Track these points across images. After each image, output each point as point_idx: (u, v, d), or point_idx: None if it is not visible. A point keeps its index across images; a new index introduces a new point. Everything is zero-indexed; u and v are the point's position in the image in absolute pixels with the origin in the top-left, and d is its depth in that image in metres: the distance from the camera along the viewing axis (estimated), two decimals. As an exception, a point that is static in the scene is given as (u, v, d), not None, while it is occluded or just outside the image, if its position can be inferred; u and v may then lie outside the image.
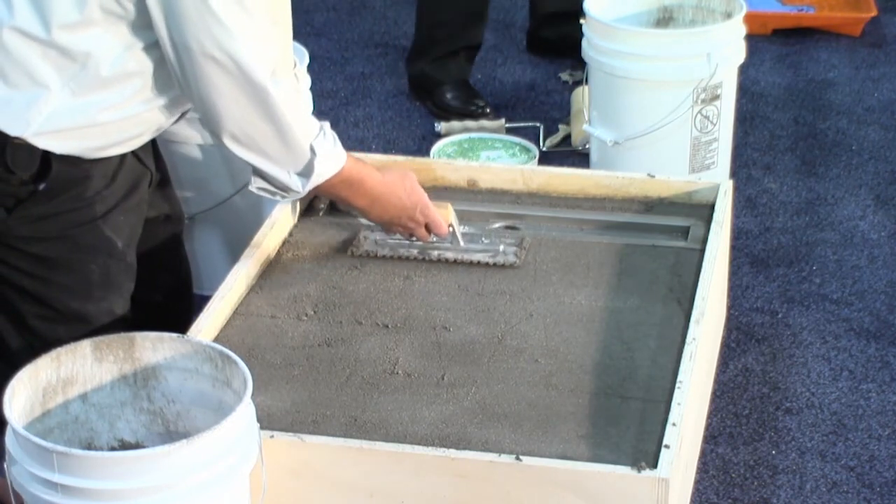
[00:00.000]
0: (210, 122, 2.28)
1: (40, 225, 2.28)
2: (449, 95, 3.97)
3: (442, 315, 2.49)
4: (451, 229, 2.63)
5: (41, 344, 2.17)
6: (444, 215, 2.61)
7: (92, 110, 2.22)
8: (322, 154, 2.36)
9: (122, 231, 2.37)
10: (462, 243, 2.64)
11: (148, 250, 2.50)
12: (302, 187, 2.38)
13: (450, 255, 2.63)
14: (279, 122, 2.28)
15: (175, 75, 2.23)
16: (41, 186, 2.25)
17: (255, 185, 2.41)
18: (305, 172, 2.36)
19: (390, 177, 2.54)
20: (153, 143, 2.46)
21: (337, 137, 2.41)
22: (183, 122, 2.91)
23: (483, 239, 2.67)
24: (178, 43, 2.17)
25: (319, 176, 2.38)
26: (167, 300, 2.59)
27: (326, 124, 2.39)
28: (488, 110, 3.94)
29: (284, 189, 2.40)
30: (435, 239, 2.64)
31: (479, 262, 2.61)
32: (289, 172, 2.36)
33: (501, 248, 2.65)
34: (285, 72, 2.57)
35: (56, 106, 2.20)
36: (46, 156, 2.23)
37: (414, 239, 2.63)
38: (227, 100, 2.23)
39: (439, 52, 4.00)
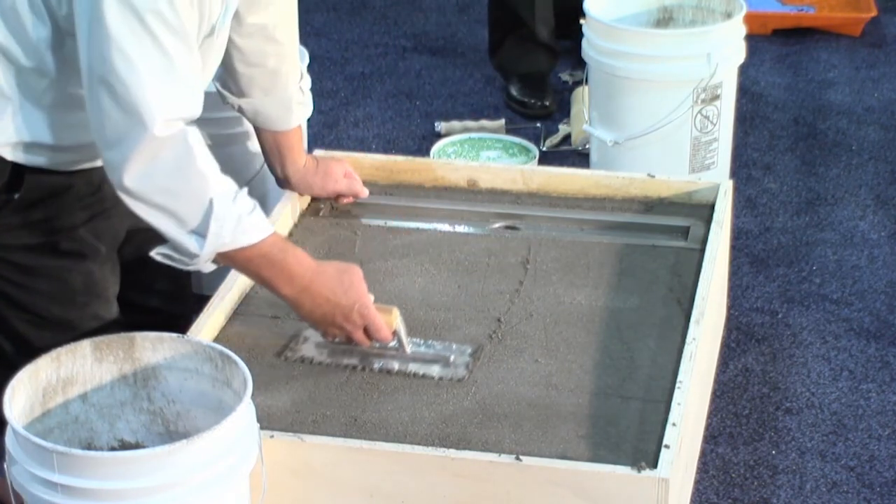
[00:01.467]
0: (104, 162, 2.14)
1: (19, 233, 2.26)
2: (512, 89, 4.03)
3: (442, 315, 2.49)
4: (395, 335, 2.35)
5: (30, 349, 2.16)
6: (389, 320, 2.33)
7: (57, 127, 2.20)
8: (223, 215, 2.13)
9: (106, 236, 2.35)
10: (408, 350, 2.36)
11: (145, 255, 2.50)
12: (199, 248, 2.15)
13: (394, 365, 2.35)
14: (165, 170, 2.11)
15: (86, 101, 2.13)
16: (16, 196, 2.23)
17: (157, 251, 2.22)
18: (200, 230, 2.15)
19: (328, 267, 2.31)
20: None
21: (260, 209, 2.21)
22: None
23: (435, 344, 2.39)
24: (89, 63, 2.07)
25: (219, 238, 2.15)
26: (164, 304, 2.58)
27: (244, 191, 2.20)
28: (549, 106, 3.98)
29: (183, 251, 2.18)
30: (378, 345, 2.36)
31: (424, 376, 2.33)
32: (183, 229, 2.15)
33: (452, 357, 2.36)
34: (291, 83, 2.57)
35: (22, 119, 2.19)
36: (18, 167, 2.21)
37: (355, 344, 2.35)
38: (118, 135, 2.09)
39: (505, 45, 4.06)
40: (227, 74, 2.58)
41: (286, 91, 2.59)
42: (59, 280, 2.31)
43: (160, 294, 2.57)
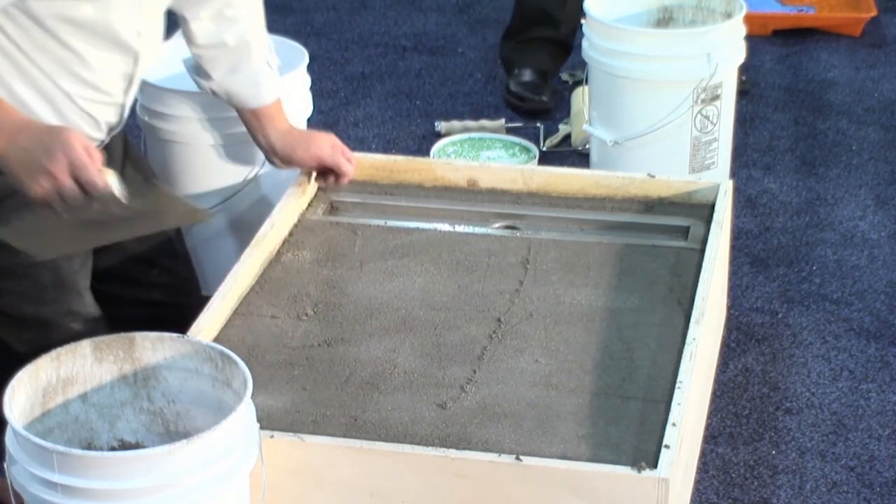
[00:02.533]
0: None
1: None
2: (512, 83, 4.04)
3: (442, 315, 2.49)
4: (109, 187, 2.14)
5: (10, 350, 2.17)
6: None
7: None
8: None
9: None
10: (124, 200, 2.13)
11: (141, 251, 2.50)
12: None
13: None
14: None
15: None
16: None
17: None
18: None
19: (39, 123, 2.19)
20: (122, 145, 2.47)
21: None
22: (183, 122, 2.91)
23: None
24: None
25: None
26: (168, 297, 2.59)
27: None
28: (546, 102, 3.98)
29: None
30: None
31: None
32: None
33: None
34: (255, 58, 2.58)
35: None
36: None
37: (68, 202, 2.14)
38: None
39: (520, 36, 4.07)
40: (194, 58, 2.60)
41: (251, 67, 2.59)
42: (27, 278, 2.32)
43: (162, 287, 2.58)
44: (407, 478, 2.11)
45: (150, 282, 2.54)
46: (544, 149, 3.75)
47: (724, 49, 3.21)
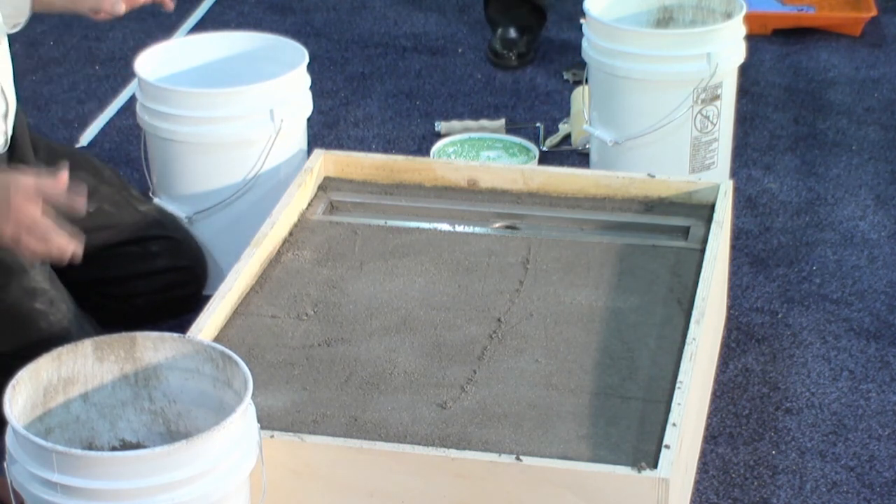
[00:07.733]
0: None
1: None
2: (492, 39, 4.22)
3: (442, 315, 2.49)
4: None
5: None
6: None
7: None
8: None
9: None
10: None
11: (128, 233, 2.55)
12: None
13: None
14: None
15: None
16: None
17: None
18: None
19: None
20: (26, 149, 2.57)
21: None
22: (183, 122, 2.91)
23: None
24: None
25: None
26: (173, 263, 2.63)
27: None
28: (514, 62, 4.14)
29: None
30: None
31: None
32: None
33: None
34: None
35: None
36: None
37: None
38: None
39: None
40: None
41: None
42: None
43: (164, 255, 2.62)
44: (407, 478, 2.11)
45: (151, 251, 2.57)
46: (544, 149, 3.76)
47: (724, 49, 3.21)
